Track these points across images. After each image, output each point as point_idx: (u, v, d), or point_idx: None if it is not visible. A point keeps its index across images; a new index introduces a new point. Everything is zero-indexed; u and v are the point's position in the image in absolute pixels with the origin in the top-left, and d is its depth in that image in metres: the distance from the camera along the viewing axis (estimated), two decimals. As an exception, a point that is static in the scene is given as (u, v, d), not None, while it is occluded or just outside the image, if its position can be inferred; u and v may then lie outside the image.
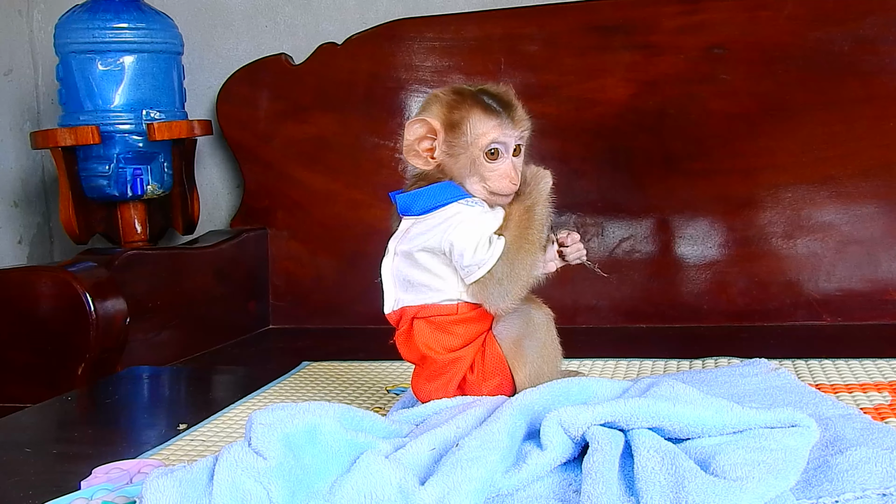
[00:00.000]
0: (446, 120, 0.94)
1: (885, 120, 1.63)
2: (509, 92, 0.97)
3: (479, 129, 0.94)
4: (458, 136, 0.94)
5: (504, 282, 0.91)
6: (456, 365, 0.94)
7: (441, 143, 0.95)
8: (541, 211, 0.95)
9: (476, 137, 0.94)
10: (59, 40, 1.80)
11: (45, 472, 0.96)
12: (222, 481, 0.70)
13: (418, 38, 1.83)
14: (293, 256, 1.89)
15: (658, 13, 1.72)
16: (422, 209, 0.95)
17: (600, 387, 0.91)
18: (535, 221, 0.94)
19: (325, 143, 1.87)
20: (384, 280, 0.97)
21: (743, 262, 1.68)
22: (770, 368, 1.08)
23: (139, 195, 1.81)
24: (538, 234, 0.94)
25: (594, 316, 1.71)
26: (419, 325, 0.95)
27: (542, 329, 0.94)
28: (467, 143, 0.94)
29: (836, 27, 1.65)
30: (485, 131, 0.94)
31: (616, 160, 1.74)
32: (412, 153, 0.95)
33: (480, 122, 0.94)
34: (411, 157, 0.96)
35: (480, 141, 0.94)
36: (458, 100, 0.95)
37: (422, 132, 0.95)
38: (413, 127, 0.95)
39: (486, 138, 0.94)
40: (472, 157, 0.94)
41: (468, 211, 0.93)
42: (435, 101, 0.96)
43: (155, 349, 1.57)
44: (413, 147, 0.95)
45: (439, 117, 0.95)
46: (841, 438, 0.80)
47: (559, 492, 0.75)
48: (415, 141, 0.95)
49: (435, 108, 0.96)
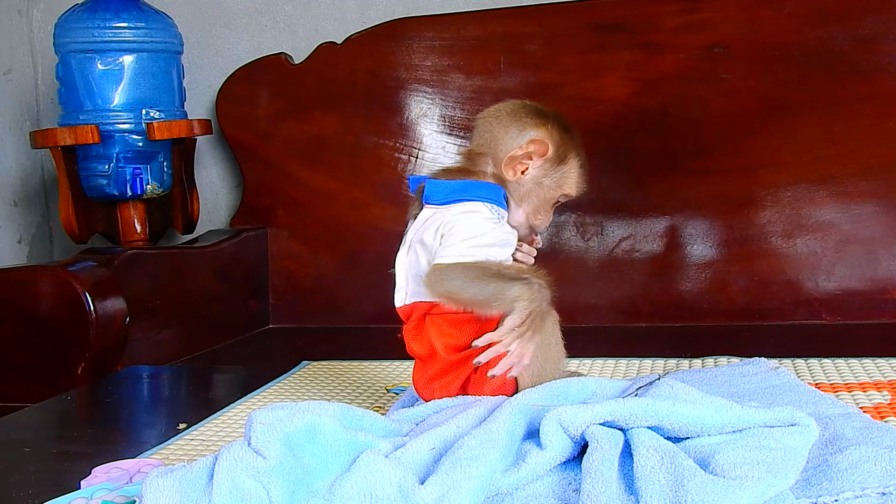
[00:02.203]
0: (557, 151, 0.98)
1: (885, 119, 1.63)
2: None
3: (571, 179, 1.00)
4: (555, 172, 0.98)
5: (452, 282, 0.90)
6: (463, 365, 0.94)
7: (538, 166, 0.98)
8: (527, 310, 0.90)
9: (567, 184, 1.00)
10: (59, 40, 1.80)
11: (45, 472, 0.96)
12: (222, 481, 0.70)
13: (418, 38, 1.83)
14: (293, 256, 1.89)
15: (659, 12, 1.72)
16: (447, 199, 0.95)
17: (600, 386, 0.91)
18: (523, 304, 0.89)
19: (325, 142, 1.87)
20: (397, 273, 0.97)
21: (743, 261, 1.68)
22: (770, 367, 1.08)
23: (139, 195, 1.81)
24: (514, 305, 0.89)
25: (594, 315, 1.71)
26: (433, 321, 0.94)
27: (547, 332, 0.94)
28: (556, 183, 0.99)
29: (837, 26, 1.65)
30: (574, 183, 1.00)
31: (616, 159, 1.74)
32: (512, 161, 0.97)
33: (576, 172, 1.00)
34: (509, 165, 0.97)
35: (566, 188, 1.00)
36: (569, 137, 0.99)
37: (534, 150, 0.97)
38: (533, 144, 0.97)
39: (572, 189, 1.00)
40: (549, 196, 0.99)
41: (488, 212, 0.94)
42: (546, 122, 0.99)
43: (155, 348, 1.57)
44: (517, 157, 0.97)
45: (552, 145, 0.98)
46: (840, 437, 0.80)
47: (559, 491, 0.75)
48: (524, 155, 0.97)
49: (546, 130, 0.98)
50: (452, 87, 1.81)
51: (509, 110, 1.00)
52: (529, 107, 1.00)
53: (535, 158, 0.97)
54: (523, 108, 1.00)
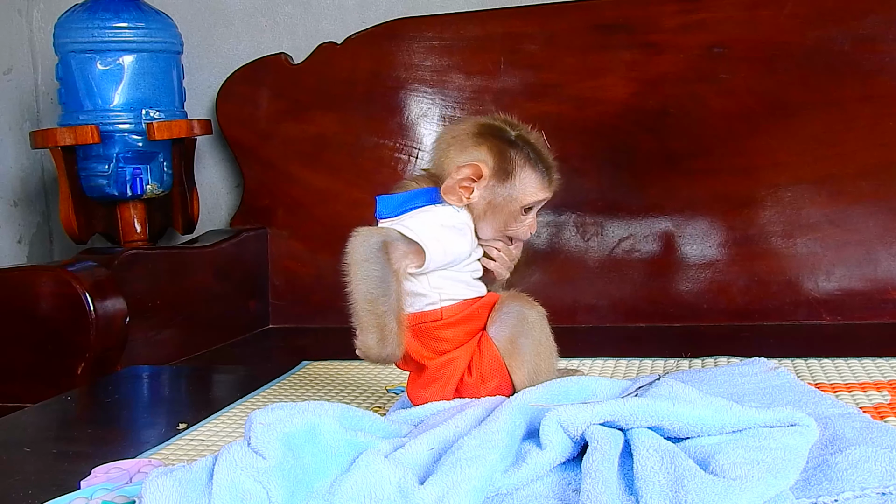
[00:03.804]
0: (497, 168, 0.94)
1: (885, 119, 1.63)
2: (543, 141, 0.98)
3: (527, 188, 0.95)
4: (504, 188, 0.94)
5: (355, 267, 0.90)
6: (449, 367, 0.93)
7: (483, 187, 0.94)
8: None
9: (523, 194, 0.95)
10: (59, 40, 1.80)
11: (45, 472, 0.96)
12: (222, 481, 0.70)
13: (418, 38, 1.83)
14: (293, 256, 1.89)
15: (658, 12, 1.72)
16: (398, 211, 0.94)
17: (600, 386, 0.91)
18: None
19: (325, 142, 1.87)
20: None
21: (743, 261, 1.68)
22: (769, 367, 1.08)
23: (139, 195, 1.81)
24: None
25: (594, 315, 1.71)
26: (408, 332, 0.93)
27: (536, 327, 0.94)
28: (511, 196, 0.94)
29: (837, 26, 1.65)
30: (533, 191, 0.95)
31: (616, 159, 1.74)
32: (451, 191, 0.94)
33: (530, 180, 0.95)
34: (449, 194, 0.94)
35: (526, 199, 0.95)
36: (510, 151, 0.94)
37: (468, 174, 0.93)
38: (463, 170, 0.93)
39: (532, 197, 0.95)
40: (511, 210, 0.95)
41: (443, 211, 0.93)
42: (484, 142, 0.94)
43: (155, 348, 1.57)
44: (455, 186, 0.94)
45: (489, 163, 0.94)
46: (840, 437, 0.80)
47: (558, 491, 0.75)
48: (460, 180, 0.94)
49: (484, 151, 0.94)
50: (452, 88, 1.81)
51: (454, 134, 0.97)
52: (477, 126, 0.96)
53: (468, 179, 0.94)
54: (470, 128, 0.96)
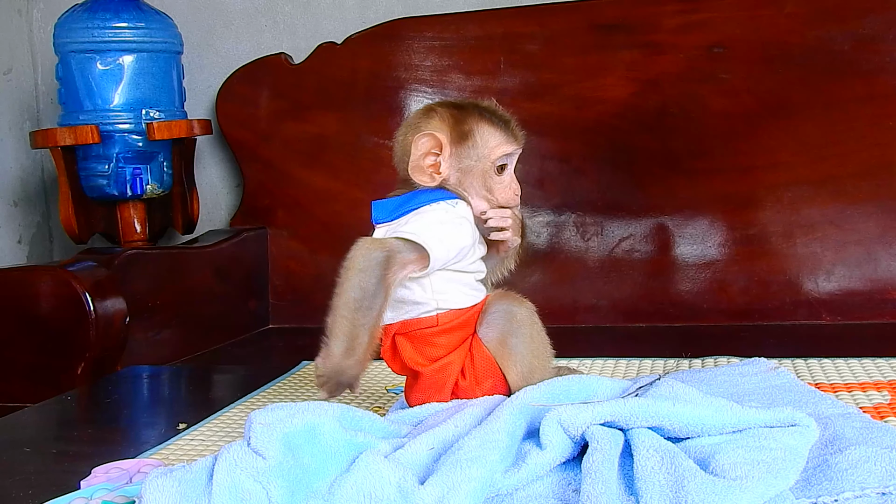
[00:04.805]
0: (454, 133, 0.92)
1: (885, 119, 1.63)
2: (496, 105, 0.96)
3: (490, 143, 0.92)
4: (468, 149, 0.92)
5: (350, 273, 0.90)
6: (444, 372, 0.93)
7: (447, 157, 0.92)
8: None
9: (489, 150, 0.92)
10: (59, 40, 1.80)
11: (45, 472, 0.96)
12: (222, 481, 0.70)
13: (418, 38, 1.83)
14: (293, 255, 1.89)
15: (658, 12, 1.72)
16: (395, 214, 0.93)
17: (600, 386, 0.91)
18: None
19: (326, 142, 1.87)
20: None
21: (743, 261, 1.68)
22: (769, 367, 1.08)
23: (139, 195, 1.81)
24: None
25: (594, 315, 1.71)
26: (401, 341, 0.93)
27: (526, 324, 0.93)
28: (479, 155, 0.92)
29: (837, 26, 1.65)
30: (496, 144, 0.93)
31: (616, 159, 1.74)
32: (418, 170, 0.92)
33: (491, 135, 0.92)
34: (417, 174, 0.92)
35: (493, 154, 0.92)
36: (462, 113, 0.92)
37: (428, 146, 0.91)
38: (420, 142, 0.91)
39: (498, 150, 0.93)
40: (483, 169, 0.92)
41: (442, 209, 0.91)
42: (433, 115, 0.93)
43: (155, 348, 1.57)
44: (419, 163, 0.92)
45: (444, 131, 0.92)
46: (840, 437, 0.80)
47: (559, 491, 0.75)
48: (421, 156, 0.91)
49: (435, 121, 0.92)
50: (452, 87, 1.81)
51: (405, 125, 0.95)
52: (423, 109, 0.95)
53: (430, 156, 0.91)
54: (417, 113, 0.95)
